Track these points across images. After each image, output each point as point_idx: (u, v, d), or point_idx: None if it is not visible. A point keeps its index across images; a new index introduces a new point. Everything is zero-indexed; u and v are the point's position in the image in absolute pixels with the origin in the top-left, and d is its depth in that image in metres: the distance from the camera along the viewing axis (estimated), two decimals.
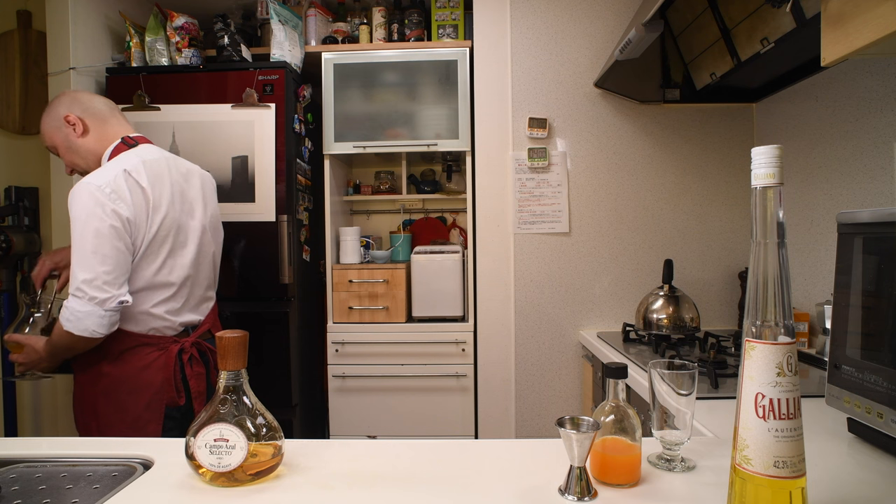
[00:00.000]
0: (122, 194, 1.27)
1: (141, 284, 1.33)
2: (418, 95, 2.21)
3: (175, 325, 1.41)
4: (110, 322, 1.26)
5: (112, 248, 1.25)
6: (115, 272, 1.25)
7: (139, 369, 1.35)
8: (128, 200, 1.28)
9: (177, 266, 1.40)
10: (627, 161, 2.13)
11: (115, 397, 1.34)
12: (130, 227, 1.28)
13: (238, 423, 0.73)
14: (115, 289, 1.25)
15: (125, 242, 1.27)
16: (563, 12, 2.11)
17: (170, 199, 1.38)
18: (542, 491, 0.71)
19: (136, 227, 1.30)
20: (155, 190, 1.35)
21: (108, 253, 1.24)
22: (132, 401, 1.34)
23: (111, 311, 1.25)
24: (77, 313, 1.23)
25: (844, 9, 0.90)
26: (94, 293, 1.22)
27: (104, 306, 1.24)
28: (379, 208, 2.64)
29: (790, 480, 0.57)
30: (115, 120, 1.46)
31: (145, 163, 1.36)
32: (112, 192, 1.26)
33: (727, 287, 2.12)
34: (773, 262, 0.59)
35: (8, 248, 2.08)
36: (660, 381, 0.79)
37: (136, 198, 1.30)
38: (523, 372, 2.14)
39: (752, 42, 1.51)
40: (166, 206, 1.37)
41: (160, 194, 1.36)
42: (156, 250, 1.35)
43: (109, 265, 1.24)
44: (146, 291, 1.35)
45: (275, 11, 2.13)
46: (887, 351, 0.78)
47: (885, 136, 1.43)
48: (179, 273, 1.41)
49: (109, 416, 1.34)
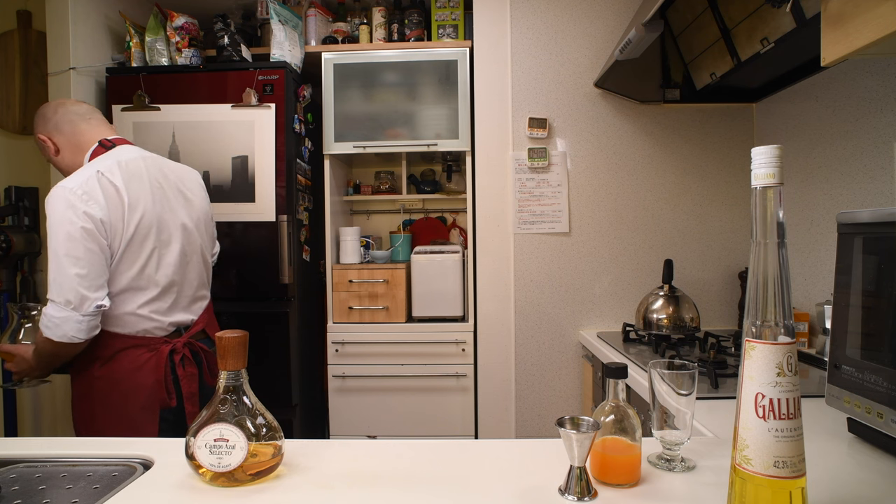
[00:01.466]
0: (94, 195, 1.25)
1: (123, 285, 1.32)
2: (418, 95, 2.21)
3: (165, 326, 1.40)
4: (89, 326, 1.24)
5: (85, 250, 1.22)
6: (91, 275, 1.23)
7: (131, 371, 1.34)
8: (100, 201, 1.26)
9: (161, 265, 1.38)
10: (627, 161, 2.13)
11: (111, 401, 1.33)
12: (105, 228, 1.26)
13: (238, 423, 0.73)
14: (91, 292, 1.23)
15: (99, 244, 1.25)
16: (563, 12, 2.11)
17: (149, 197, 1.36)
18: (542, 491, 0.71)
19: (112, 227, 1.28)
20: (131, 189, 1.32)
21: (81, 255, 1.22)
22: (127, 404, 1.33)
23: (89, 316, 1.23)
24: (54, 319, 1.21)
25: (844, 9, 0.90)
26: (69, 297, 1.21)
27: (80, 311, 1.22)
28: (379, 208, 2.64)
29: (790, 480, 0.57)
30: (87, 125, 1.42)
31: (120, 163, 1.34)
32: (84, 194, 1.24)
33: (727, 287, 2.12)
34: (773, 262, 0.59)
35: (8, 248, 2.08)
36: (660, 381, 0.79)
37: (109, 198, 1.28)
38: (523, 372, 2.14)
39: (752, 42, 1.51)
40: (144, 205, 1.34)
41: (137, 193, 1.34)
42: (136, 249, 1.33)
43: (83, 268, 1.22)
44: (130, 292, 1.33)
45: (275, 11, 2.13)
46: (887, 351, 0.78)
47: (885, 136, 1.43)
48: (165, 272, 1.39)
49: (107, 419, 1.33)
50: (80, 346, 1.27)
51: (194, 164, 2.02)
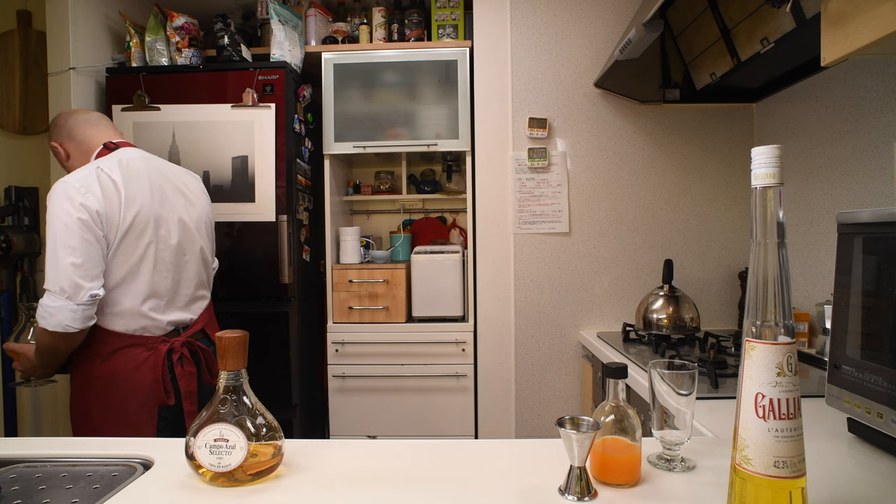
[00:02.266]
0: (91, 188, 1.28)
1: (119, 278, 1.33)
2: (418, 95, 2.21)
3: (162, 325, 1.41)
4: (84, 316, 1.25)
5: (81, 239, 1.25)
6: (86, 265, 1.25)
7: (130, 371, 1.34)
8: (97, 194, 1.29)
9: (158, 261, 1.39)
10: (627, 161, 2.13)
11: (109, 400, 1.33)
12: (101, 220, 1.28)
13: (238, 423, 0.73)
14: (86, 281, 1.24)
15: (95, 234, 1.27)
16: (563, 12, 2.11)
17: (147, 194, 1.38)
18: (542, 491, 0.71)
19: (108, 219, 1.30)
20: (129, 184, 1.35)
21: (77, 245, 1.24)
22: (126, 403, 1.34)
23: (84, 305, 1.24)
24: (49, 308, 1.23)
25: (844, 9, 0.90)
26: (63, 286, 1.22)
27: (75, 299, 1.23)
28: (379, 208, 2.64)
29: (790, 480, 0.57)
30: (95, 130, 1.47)
31: (121, 161, 1.37)
32: (82, 187, 1.27)
33: (727, 287, 2.12)
34: (773, 262, 0.59)
35: (8, 248, 2.08)
36: (660, 381, 0.79)
37: (107, 191, 1.31)
38: (523, 372, 2.14)
39: (752, 42, 1.51)
40: (141, 200, 1.37)
41: (135, 189, 1.36)
42: (133, 242, 1.34)
43: (79, 257, 1.24)
44: (125, 286, 1.34)
45: (275, 11, 2.13)
46: (887, 351, 0.78)
47: (885, 136, 1.43)
48: (161, 268, 1.40)
49: (105, 418, 1.33)
50: (76, 339, 1.28)
51: (194, 164, 2.02)
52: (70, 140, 1.45)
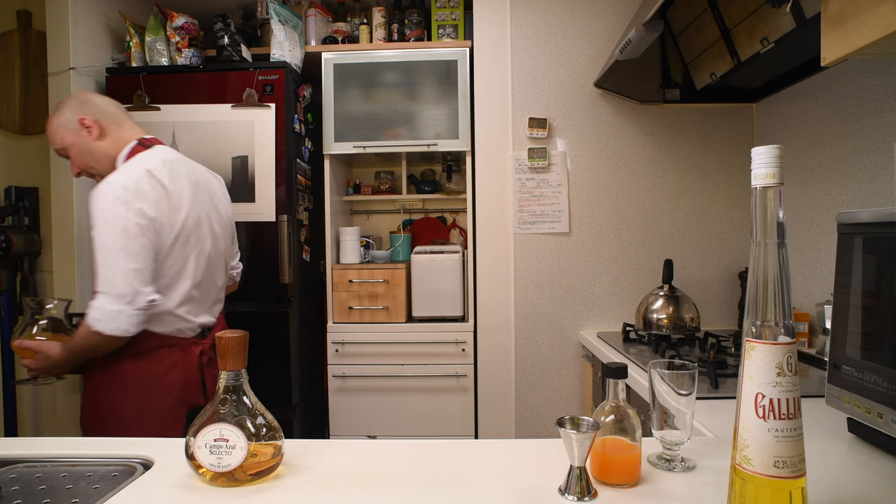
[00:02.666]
0: (146, 194, 1.27)
1: (165, 283, 1.33)
2: (418, 95, 2.21)
3: (194, 327, 1.41)
4: (139, 321, 1.25)
5: (139, 245, 1.24)
6: (144, 270, 1.25)
7: (163, 371, 1.34)
8: (152, 200, 1.28)
9: (197, 266, 1.40)
10: (627, 161, 2.13)
11: (138, 399, 1.32)
12: (155, 227, 1.28)
13: (238, 423, 0.73)
14: (144, 286, 1.24)
15: (151, 241, 1.27)
16: (563, 12, 2.11)
17: (189, 200, 1.38)
18: (542, 491, 0.71)
19: (161, 225, 1.29)
20: (176, 189, 1.34)
21: (136, 251, 1.24)
22: (156, 403, 1.33)
23: (141, 311, 1.24)
24: (107, 312, 1.21)
25: (844, 9, 0.90)
26: (123, 290, 1.21)
27: (134, 304, 1.23)
28: (379, 208, 2.64)
29: (790, 480, 0.57)
30: (128, 122, 1.44)
31: (165, 163, 1.36)
32: (137, 192, 1.26)
33: (727, 287, 2.12)
34: (773, 262, 0.59)
35: (8, 248, 2.08)
36: (660, 381, 0.79)
37: (159, 197, 1.30)
38: (523, 372, 2.14)
39: (752, 42, 1.51)
40: (187, 206, 1.36)
41: (181, 194, 1.36)
42: (181, 248, 1.35)
43: (138, 263, 1.24)
44: (170, 290, 1.34)
45: (275, 11, 2.13)
46: (887, 351, 0.78)
47: (885, 136, 1.43)
48: (199, 273, 1.40)
49: (130, 417, 1.31)
50: (122, 342, 1.27)
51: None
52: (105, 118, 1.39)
